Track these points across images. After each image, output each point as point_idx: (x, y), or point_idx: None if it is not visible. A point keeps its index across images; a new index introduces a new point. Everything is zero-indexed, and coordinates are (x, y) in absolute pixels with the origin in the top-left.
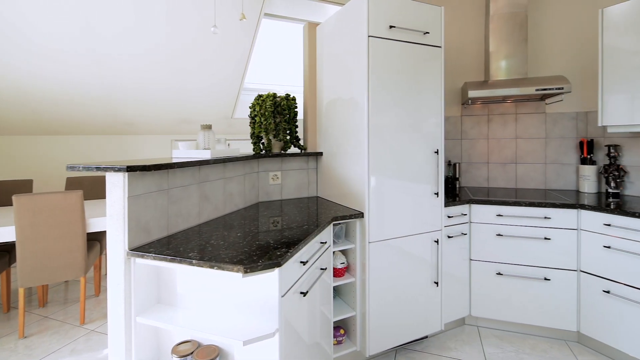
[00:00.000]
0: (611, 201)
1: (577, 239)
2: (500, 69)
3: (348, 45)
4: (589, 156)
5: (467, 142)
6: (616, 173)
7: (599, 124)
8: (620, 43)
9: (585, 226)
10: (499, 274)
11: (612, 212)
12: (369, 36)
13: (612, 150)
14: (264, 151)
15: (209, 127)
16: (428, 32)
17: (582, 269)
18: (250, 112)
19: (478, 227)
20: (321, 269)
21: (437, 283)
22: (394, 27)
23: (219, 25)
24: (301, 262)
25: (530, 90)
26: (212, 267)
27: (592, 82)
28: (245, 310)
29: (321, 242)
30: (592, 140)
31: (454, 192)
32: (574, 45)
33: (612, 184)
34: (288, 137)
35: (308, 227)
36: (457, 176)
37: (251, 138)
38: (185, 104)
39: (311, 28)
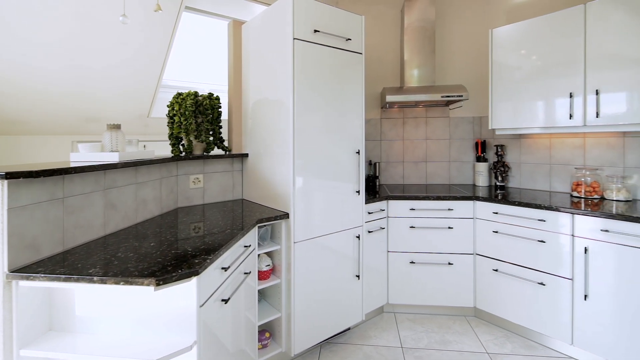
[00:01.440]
0: (498, 193)
1: (474, 226)
2: (413, 76)
3: (274, 46)
4: (482, 154)
5: (385, 142)
6: (502, 169)
7: (489, 127)
8: (506, 59)
9: (479, 215)
10: (412, 262)
11: (499, 202)
12: (294, 38)
13: (499, 150)
14: (184, 153)
15: (117, 127)
16: (350, 39)
17: (477, 252)
18: (169, 111)
19: (395, 221)
20: (245, 273)
21: (358, 276)
22: (319, 31)
23: (133, 16)
24: (223, 268)
25: (437, 96)
26: (117, 283)
27: (486, 91)
28: (160, 327)
29: (245, 246)
30: (485, 141)
31: (374, 190)
32: (471, 59)
33: (499, 178)
34: (211, 138)
35: (231, 231)
36: (377, 175)
37: (169, 139)
38: (91, 100)
39: (236, 26)
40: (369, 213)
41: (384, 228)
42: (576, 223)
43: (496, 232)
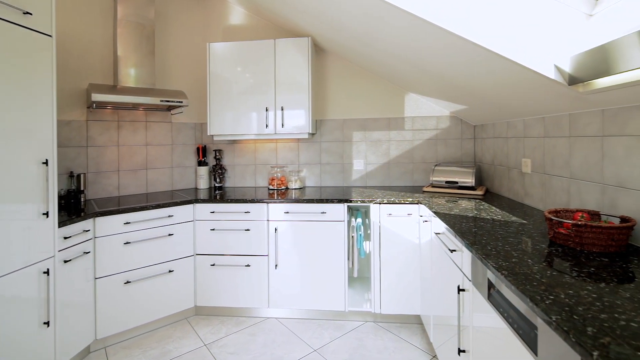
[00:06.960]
0: (217, 193)
1: (194, 229)
2: (129, 75)
3: None
4: (203, 159)
5: (94, 149)
6: (220, 171)
7: (209, 133)
8: (222, 72)
9: (199, 216)
10: (127, 282)
11: (215, 202)
12: None
13: (217, 154)
14: None
15: None
16: (30, 14)
17: (197, 252)
18: None
19: (104, 241)
20: None
21: (48, 323)
22: None
23: None
24: None
25: (156, 100)
26: None
27: (206, 99)
28: None
29: None
30: (205, 146)
31: (77, 208)
32: (192, 67)
33: (218, 180)
34: None
35: None
36: (82, 189)
37: None
38: None
39: None
40: (66, 238)
41: (89, 252)
42: (270, 210)
43: (213, 229)
